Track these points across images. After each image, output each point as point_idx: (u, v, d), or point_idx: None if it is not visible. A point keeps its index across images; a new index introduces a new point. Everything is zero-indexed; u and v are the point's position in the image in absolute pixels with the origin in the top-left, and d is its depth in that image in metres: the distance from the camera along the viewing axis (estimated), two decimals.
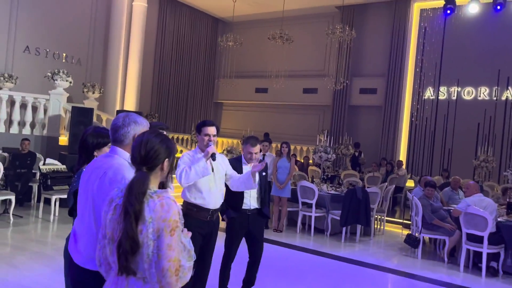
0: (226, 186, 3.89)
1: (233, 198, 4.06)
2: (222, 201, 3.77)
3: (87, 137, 2.71)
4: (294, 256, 6.53)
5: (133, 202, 1.71)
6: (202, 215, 3.61)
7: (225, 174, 3.78)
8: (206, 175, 3.43)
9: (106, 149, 2.65)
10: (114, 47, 13.43)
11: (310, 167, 11.56)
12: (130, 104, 13.84)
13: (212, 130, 3.64)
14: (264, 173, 4.29)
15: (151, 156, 1.81)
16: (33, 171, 8.09)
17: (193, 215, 3.59)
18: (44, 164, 7.70)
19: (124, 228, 1.71)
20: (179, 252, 1.74)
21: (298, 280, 5.35)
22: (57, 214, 7.42)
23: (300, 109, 16.00)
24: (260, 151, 4.45)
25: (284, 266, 5.86)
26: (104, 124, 11.53)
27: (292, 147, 15.18)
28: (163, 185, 1.96)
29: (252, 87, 16.74)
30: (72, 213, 2.65)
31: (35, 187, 8.25)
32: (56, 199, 7.28)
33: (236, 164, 4.11)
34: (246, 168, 4.16)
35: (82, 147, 2.72)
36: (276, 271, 5.53)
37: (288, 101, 15.90)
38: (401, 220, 9.51)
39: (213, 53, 17.84)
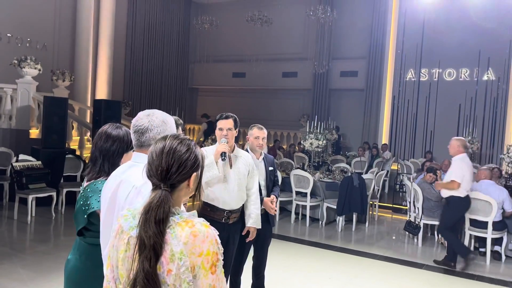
0: None
1: None
2: (243, 202, 3.40)
3: (111, 143, 2.14)
4: (290, 248, 6.25)
5: (151, 232, 1.27)
6: (217, 216, 3.27)
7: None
8: (213, 176, 3.17)
9: (132, 153, 2.18)
10: (83, 31, 12.55)
11: (295, 154, 11.29)
12: (102, 91, 13.10)
13: (225, 123, 3.28)
14: (271, 168, 3.93)
15: (175, 170, 1.35)
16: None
17: (207, 215, 3.25)
18: (17, 160, 7.04)
19: (141, 268, 1.27)
20: None
21: (296, 273, 5.08)
22: (34, 214, 6.83)
23: (280, 94, 15.64)
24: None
25: (280, 259, 5.57)
26: (76, 114, 10.81)
27: (272, 132, 14.95)
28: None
29: (229, 71, 16.20)
30: (83, 233, 2.18)
31: (6, 185, 7.60)
32: (32, 198, 6.67)
33: None
34: (259, 164, 3.80)
35: (106, 154, 2.14)
36: (273, 264, 5.23)
37: (267, 86, 15.49)
38: (390, 205, 9.41)
39: (187, 36, 17.12)
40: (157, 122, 1.85)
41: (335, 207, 7.22)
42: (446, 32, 12.24)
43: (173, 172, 1.35)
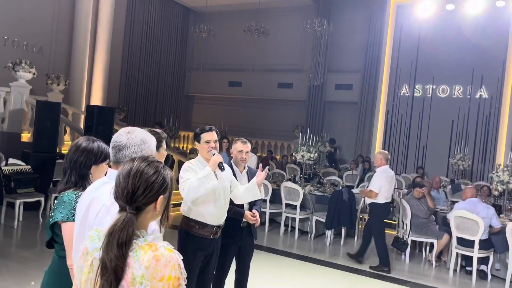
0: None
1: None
2: (226, 216, 3.39)
3: (80, 154, 2.15)
4: (278, 261, 6.23)
5: (112, 255, 1.27)
6: (206, 233, 3.23)
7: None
8: (213, 187, 3.09)
9: (105, 166, 2.17)
10: (80, 36, 12.58)
11: (288, 165, 11.30)
12: (97, 97, 13.09)
13: (211, 135, 3.25)
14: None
15: (141, 193, 1.35)
16: None
17: (195, 233, 3.22)
18: (6, 164, 7.01)
19: None
20: None
21: (282, 287, 5.08)
22: (21, 219, 6.79)
23: (275, 104, 15.69)
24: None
25: (267, 272, 5.55)
26: (70, 119, 10.80)
27: (266, 142, 14.99)
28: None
29: (225, 80, 16.26)
30: (52, 245, 2.17)
31: None
32: (20, 203, 6.64)
33: None
34: (242, 177, 3.80)
35: (75, 166, 2.15)
36: (259, 277, 5.21)
37: (263, 96, 15.54)
38: None
39: (184, 44, 17.20)
40: (136, 141, 1.85)
41: (324, 220, 7.22)
42: (440, 49, 12.35)
43: (139, 194, 1.35)
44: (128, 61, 14.93)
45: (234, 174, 3.78)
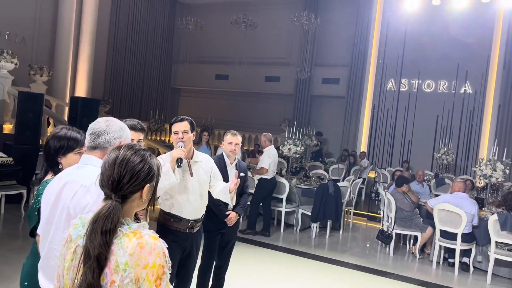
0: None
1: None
2: (205, 210, 3.32)
3: (50, 139, 2.20)
4: (263, 253, 6.24)
5: (96, 243, 1.25)
6: (180, 226, 3.16)
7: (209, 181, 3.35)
8: (171, 184, 2.95)
9: (73, 157, 2.15)
10: (64, 26, 12.34)
11: None
12: (82, 89, 12.90)
13: (180, 126, 3.09)
14: (242, 174, 3.93)
15: (127, 181, 1.34)
16: None
17: (171, 226, 3.15)
18: None
19: (84, 279, 1.24)
20: None
21: (266, 279, 5.08)
22: (3, 212, 6.67)
23: (262, 98, 15.66)
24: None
25: (252, 264, 5.56)
26: (53, 110, 10.62)
27: (253, 136, 14.97)
28: (137, 217, 1.53)
29: (212, 73, 16.16)
30: (34, 233, 2.15)
31: None
32: (2, 195, 6.52)
33: (220, 163, 3.74)
34: (232, 169, 3.82)
35: (44, 152, 2.20)
36: (243, 269, 5.22)
37: (250, 89, 15.49)
38: (366, 212, 9.50)
39: (170, 36, 17.02)
40: (115, 127, 1.87)
41: (310, 213, 7.25)
42: (426, 45, 12.45)
43: (124, 183, 1.34)
44: (114, 53, 14.72)
45: (225, 166, 3.80)
